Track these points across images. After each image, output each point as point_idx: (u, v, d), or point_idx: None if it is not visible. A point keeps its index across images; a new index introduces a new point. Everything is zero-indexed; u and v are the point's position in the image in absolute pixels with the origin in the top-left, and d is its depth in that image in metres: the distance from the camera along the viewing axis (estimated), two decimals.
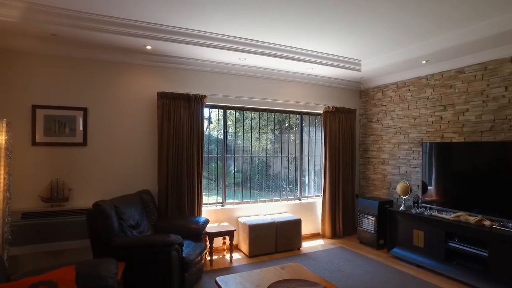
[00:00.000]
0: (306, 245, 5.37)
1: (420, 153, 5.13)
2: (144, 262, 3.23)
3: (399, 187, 4.97)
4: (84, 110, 4.20)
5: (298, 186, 5.98)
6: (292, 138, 6.01)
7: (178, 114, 4.53)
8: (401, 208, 4.82)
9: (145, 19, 3.69)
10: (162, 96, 4.44)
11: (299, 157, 6.02)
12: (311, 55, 4.83)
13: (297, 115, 6.00)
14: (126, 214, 3.58)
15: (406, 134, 5.44)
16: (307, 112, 5.97)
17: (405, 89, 5.48)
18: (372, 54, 4.93)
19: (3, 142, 3.11)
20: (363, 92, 6.39)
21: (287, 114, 5.91)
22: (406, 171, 5.41)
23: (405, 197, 4.93)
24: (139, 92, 4.52)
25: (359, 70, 5.35)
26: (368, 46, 4.56)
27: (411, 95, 5.36)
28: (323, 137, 5.90)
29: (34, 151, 4.00)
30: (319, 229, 5.96)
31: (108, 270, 2.60)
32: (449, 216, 4.20)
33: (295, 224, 5.15)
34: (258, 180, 5.72)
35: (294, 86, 5.72)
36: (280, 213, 5.52)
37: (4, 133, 3.11)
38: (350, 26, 3.84)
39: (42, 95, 4.04)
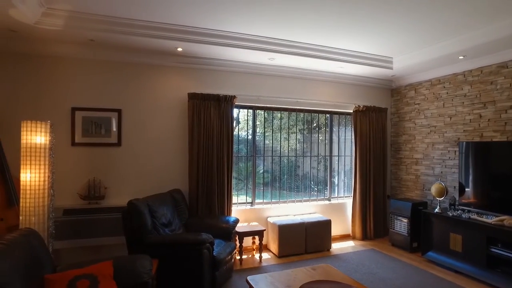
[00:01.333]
0: (336, 247, 5.28)
1: (457, 153, 4.90)
2: (176, 260, 3.31)
3: (434, 189, 4.78)
4: (119, 112, 4.37)
5: (328, 187, 5.90)
6: (321, 138, 5.93)
7: (208, 114, 4.61)
8: (436, 210, 4.63)
9: (176, 22, 3.78)
10: (192, 97, 4.53)
11: (328, 157, 5.93)
12: (341, 54, 4.75)
13: (327, 115, 5.92)
14: (158, 212, 3.68)
15: (441, 133, 5.22)
16: (337, 111, 5.87)
17: (439, 86, 5.26)
18: (405, 51, 4.77)
19: (47, 142, 3.28)
20: (395, 91, 6.20)
21: (316, 114, 5.85)
22: (441, 172, 5.19)
23: (440, 199, 4.73)
24: (170, 93, 4.63)
25: (390, 68, 5.19)
26: (400, 43, 4.42)
27: (447, 93, 5.13)
28: (353, 137, 5.78)
29: (73, 151, 4.21)
30: (349, 231, 5.84)
31: (143, 266, 2.69)
32: (491, 219, 3.98)
33: (325, 225, 5.08)
34: (288, 180, 5.70)
35: (324, 86, 5.65)
36: (310, 213, 5.46)
37: (48, 134, 3.29)
38: (382, 23, 3.74)
39: (81, 97, 4.24)
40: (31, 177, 3.22)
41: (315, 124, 5.94)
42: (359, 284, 2.85)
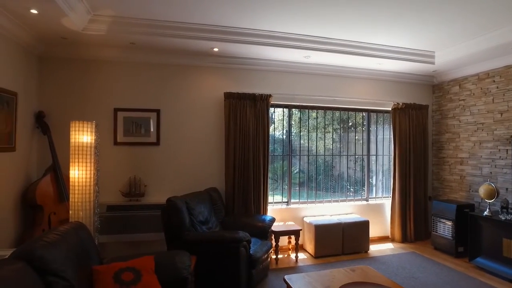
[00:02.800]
0: (374, 248, 5.11)
1: (509, 152, 4.56)
2: (214, 257, 3.35)
3: (482, 190, 4.48)
4: (157, 112, 4.52)
5: (365, 187, 5.73)
6: (356, 137, 5.77)
7: (244, 113, 4.64)
8: (486, 213, 4.33)
9: (213, 22, 3.84)
10: (228, 96, 4.58)
11: (365, 156, 5.76)
12: (379, 50, 4.59)
13: (364, 113, 5.75)
14: (196, 210, 3.75)
15: (490, 130, 4.88)
16: (375, 109, 5.69)
17: (488, 80, 4.93)
18: (448, 44, 4.52)
19: (93, 141, 3.46)
20: (437, 87, 5.89)
21: (352, 113, 5.70)
22: (490, 172, 4.85)
23: (490, 201, 4.42)
24: (207, 93, 4.72)
25: (432, 63, 4.94)
26: (443, 36, 4.19)
27: (497, 87, 4.79)
28: (392, 136, 5.57)
29: (115, 150, 4.41)
30: (387, 232, 5.63)
31: (183, 261, 2.75)
32: None
33: (363, 226, 4.94)
34: (324, 179, 5.60)
35: (361, 83, 5.50)
36: (346, 214, 5.33)
37: (93, 133, 3.46)
38: (423, 15, 3.56)
39: (122, 98, 4.43)
40: (79, 174, 3.42)
41: (350, 123, 5.79)
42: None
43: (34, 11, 3.15)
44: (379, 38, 4.30)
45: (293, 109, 5.28)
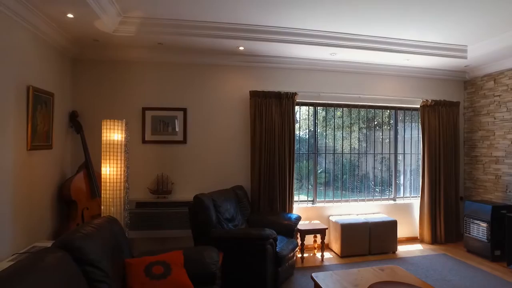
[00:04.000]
0: (402, 249, 4.98)
1: None
2: (240, 254, 3.37)
3: None
4: (184, 111, 4.61)
5: (393, 186, 5.59)
6: (382, 136, 5.64)
7: (270, 112, 4.65)
8: None
9: (239, 21, 3.87)
10: (254, 94, 4.61)
11: (393, 155, 5.62)
12: (408, 45, 4.47)
13: (391, 111, 5.62)
14: (222, 207, 3.80)
15: None
16: (402, 107, 5.54)
17: None
18: (482, 37, 4.33)
19: (123, 139, 3.58)
20: (469, 82, 5.66)
21: (378, 111, 5.58)
22: None
23: None
24: (232, 92, 4.77)
25: (464, 58, 4.75)
26: (476, 29, 4.02)
27: None
28: (420, 134, 5.40)
29: (144, 148, 4.53)
30: (416, 233, 5.47)
31: (211, 257, 2.79)
32: None
33: (390, 226, 4.82)
34: (350, 179, 5.52)
35: (388, 80, 5.37)
36: (373, 213, 5.23)
37: (123, 132, 3.58)
38: (455, 8, 3.44)
39: (150, 98, 4.55)
40: (110, 171, 3.53)
41: (376, 122, 5.66)
42: None
43: (70, 15, 3.30)
44: (407, 33, 4.19)
45: (318, 108, 5.23)
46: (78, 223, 3.83)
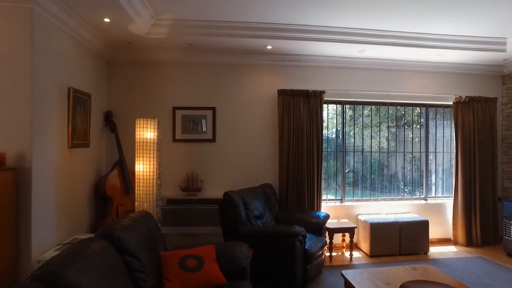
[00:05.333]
0: (434, 250, 4.83)
1: None
2: (269, 250, 3.40)
3: None
4: (213, 110, 4.70)
5: (424, 185, 5.43)
6: (411, 135, 5.49)
7: (298, 110, 4.66)
8: None
9: (266, 20, 3.91)
10: (282, 93, 4.64)
11: (423, 153, 5.46)
12: (440, 40, 4.33)
13: (421, 108, 5.46)
14: (251, 205, 3.85)
15: None
16: (433, 104, 5.38)
17: None
18: None
19: (155, 137, 3.71)
20: (508, 77, 5.40)
21: (408, 109, 5.44)
22: None
23: None
24: (260, 91, 4.82)
25: (503, 51, 4.53)
26: None
27: None
28: (453, 132, 5.22)
29: (174, 146, 4.67)
30: (449, 234, 5.28)
31: (242, 252, 2.84)
32: None
33: (422, 226, 4.69)
34: (379, 178, 5.42)
35: (419, 76, 5.23)
36: (403, 213, 5.10)
37: (155, 130, 3.71)
38: None
39: (180, 97, 4.68)
40: (143, 168, 3.67)
41: (405, 120, 5.52)
42: None
43: (107, 20, 3.47)
44: (440, 27, 4.06)
45: (346, 106, 5.18)
46: (112, 218, 4.01)
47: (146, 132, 3.66)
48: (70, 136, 3.51)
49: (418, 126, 5.52)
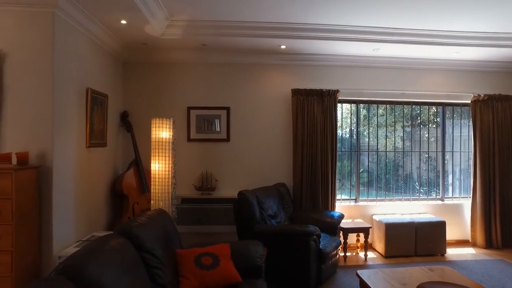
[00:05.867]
0: (452, 252, 4.74)
1: None
2: (283, 249, 3.41)
3: None
4: (227, 109, 4.74)
5: (440, 185, 5.33)
6: (427, 134, 5.40)
7: (312, 109, 4.65)
8: None
9: (280, 19, 3.91)
10: (296, 92, 4.64)
11: (440, 153, 5.36)
12: (458, 37, 4.25)
13: (438, 107, 5.37)
14: (266, 204, 3.86)
15: None
16: (450, 103, 5.28)
17: None
18: None
19: (171, 137, 3.76)
20: None
21: (424, 108, 5.36)
22: None
23: None
24: (274, 90, 4.83)
25: None
26: None
27: None
28: (471, 131, 5.11)
29: (189, 146, 4.72)
30: (467, 236, 5.17)
31: (256, 250, 2.85)
32: None
33: (438, 227, 4.61)
34: (393, 178, 5.35)
35: (435, 74, 5.14)
36: (419, 213, 5.02)
37: (171, 130, 3.76)
38: None
39: (194, 97, 4.74)
40: (159, 167, 3.72)
41: (420, 119, 5.43)
42: None
43: (123, 22, 3.54)
44: (458, 24, 3.97)
45: (360, 105, 5.14)
46: (129, 216, 4.08)
47: (162, 132, 3.71)
48: (88, 136, 3.59)
49: (434, 125, 5.42)
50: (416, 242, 4.56)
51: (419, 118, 5.44)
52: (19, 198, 2.61)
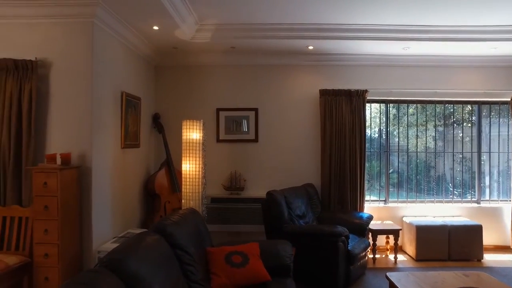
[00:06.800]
0: (489, 258, 4.53)
1: None
2: (312, 250, 3.43)
3: None
4: (255, 111, 4.81)
5: (476, 188, 5.11)
6: (461, 134, 5.20)
7: (340, 110, 4.63)
8: None
9: (308, 20, 3.92)
10: (323, 93, 4.64)
11: (475, 154, 5.14)
12: (496, 32, 4.05)
13: (473, 106, 5.15)
14: (294, 204, 3.89)
15: None
16: (487, 101, 5.05)
17: None
18: None
19: (201, 138, 3.87)
20: None
21: (457, 106, 5.16)
22: None
23: None
24: (302, 91, 4.85)
25: None
26: None
27: None
28: (511, 130, 4.87)
29: (218, 146, 4.84)
30: (507, 241, 4.91)
31: (285, 250, 2.89)
32: None
33: (474, 231, 4.43)
34: (425, 179, 5.20)
35: (470, 72, 4.93)
36: (453, 216, 4.85)
37: (201, 131, 3.87)
38: None
39: (223, 99, 4.84)
40: (190, 167, 3.85)
41: (454, 119, 5.23)
42: None
43: (155, 28, 3.69)
44: (496, 17, 3.76)
45: (389, 105, 5.05)
46: (161, 215, 4.25)
47: (192, 133, 3.84)
48: (123, 137, 3.78)
49: (469, 125, 5.21)
50: (450, 246, 4.41)
51: (452, 117, 5.24)
52: (64, 196, 2.81)
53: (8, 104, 2.97)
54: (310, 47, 4.41)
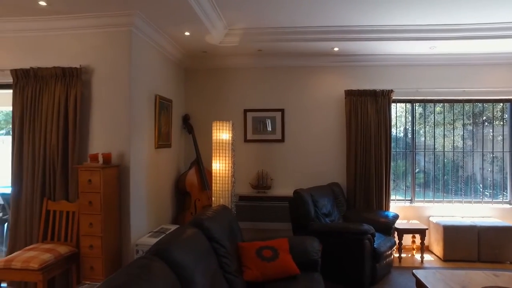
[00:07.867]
0: None
1: None
2: (338, 247, 3.51)
3: None
4: (282, 111, 4.94)
5: (508, 188, 5.00)
6: (492, 133, 5.08)
7: (365, 110, 4.67)
8: None
9: (333, 23, 3.99)
10: (349, 93, 4.69)
11: (508, 153, 5.02)
12: None
13: (505, 104, 5.04)
14: (320, 202, 3.98)
15: None
16: None
17: None
18: None
19: (230, 138, 4.04)
20: None
21: (488, 105, 5.06)
22: None
23: None
24: (327, 92, 4.92)
25: None
26: None
27: None
28: None
29: (245, 146, 5.00)
30: None
31: (313, 246, 3.00)
32: None
33: (506, 232, 4.33)
34: (453, 179, 5.13)
35: (500, 69, 4.83)
36: (482, 217, 4.78)
37: (231, 132, 4.04)
38: None
39: (250, 100, 5.00)
40: (219, 166, 4.02)
41: (484, 117, 5.12)
42: None
43: (187, 33, 3.89)
44: None
45: (415, 104, 5.03)
46: (191, 212, 4.45)
47: (222, 134, 4.00)
48: (156, 138, 4.00)
49: (501, 123, 5.09)
50: (479, 247, 4.35)
51: (482, 115, 5.14)
52: (105, 192, 3.04)
53: (56, 109, 3.25)
54: (336, 49, 4.47)
